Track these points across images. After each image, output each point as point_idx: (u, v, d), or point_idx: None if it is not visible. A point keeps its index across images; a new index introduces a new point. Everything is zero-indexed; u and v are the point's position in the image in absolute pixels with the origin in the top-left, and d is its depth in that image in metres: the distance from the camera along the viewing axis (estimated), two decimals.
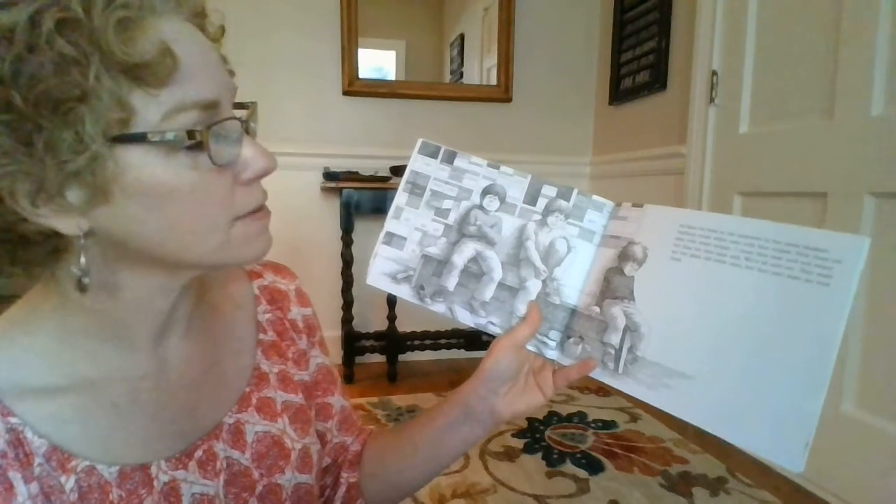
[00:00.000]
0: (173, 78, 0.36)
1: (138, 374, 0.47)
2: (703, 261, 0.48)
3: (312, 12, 2.33)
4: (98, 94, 0.34)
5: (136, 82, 0.35)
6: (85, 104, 0.34)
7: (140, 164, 0.37)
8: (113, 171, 0.36)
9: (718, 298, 0.47)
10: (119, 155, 0.36)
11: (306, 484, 0.56)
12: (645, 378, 0.49)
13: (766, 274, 0.44)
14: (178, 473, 0.47)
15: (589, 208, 0.56)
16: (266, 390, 0.56)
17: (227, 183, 0.41)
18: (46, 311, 0.44)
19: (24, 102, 0.33)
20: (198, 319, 0.52)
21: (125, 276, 0.43)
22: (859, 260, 0.40)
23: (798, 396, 0.42)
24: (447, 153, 0.58)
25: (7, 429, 0.39)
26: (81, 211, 0.37)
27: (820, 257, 0.42)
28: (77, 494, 0.41)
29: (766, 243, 0.45)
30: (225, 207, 0.41)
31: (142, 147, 0.36)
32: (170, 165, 0.37)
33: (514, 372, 0.56)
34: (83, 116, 0.34)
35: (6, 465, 0.39)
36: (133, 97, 0.35)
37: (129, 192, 0.37)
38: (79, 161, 0.35)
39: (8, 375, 0.41)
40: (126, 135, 0.36)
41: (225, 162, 0.40)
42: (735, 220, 0.47)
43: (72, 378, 0.43)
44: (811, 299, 0.42)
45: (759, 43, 1.70)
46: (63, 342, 0.44)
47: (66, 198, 0.36)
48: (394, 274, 0.57)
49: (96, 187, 0.36)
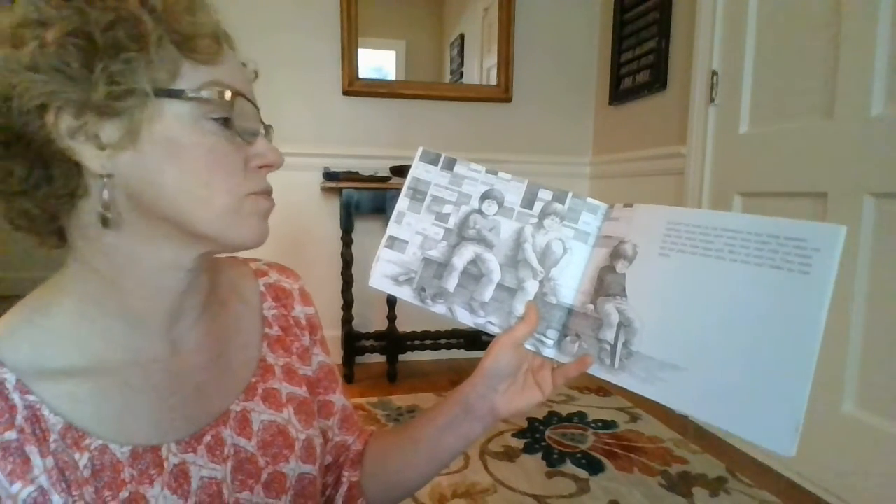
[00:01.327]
0: (217, 60, 0.44)
1: (150, 356, 0.49)
2: (689, 255, 0.50)
3: (312, 12, 2.33)
4: (156, 51, 0.41)
5: (188, 53, 0.43)
6: (144, 55, 0.41)
7: (173, 117, 0.42)
8: (149, 116, 0.42)
9: (705, 291, 0.48)
10: (158, 104, 0.42)
11: (310, 474, 0.58)
12: (640, 372, 0.50)
13: (750, 265, 0.46)
14: (188, 456, 0.48)
15: (583, 210, 0.58)
16: (272, 381, 0.57)
17: (240, 160, 0.46)
18: (64, 285, 0.47)
19: (99, 37, 0.40)
20: (207, 313, 0.54)
21: (136, 240, 0.45)
22: (836, 247, 0.42)
23: (786, 382, 0.43)
24: (447, 160, 0.60)
25: (25, 405, 0.41)
26: (111, 150, 0.42)
27: (799, 247, 0.44)
28: (90, 471, 0.43)
29: (748, 236, 0.46)
30: (237, 177, 0.46)
31: (179, 103, 0.43)
32: (197, 127, 0.43)
33: (513, 370, 0.57)
34: (140, 63, 0.41)
35: (23, 439, 0.40)
36: (182, 63, 0.43)
37: (156, 140, 0.42)
38: (125, 97, 0.40)
39: (27, 357, 0.43)
40: (168, 89, 0.42)
41: (242, 135, 0.46)
42: (719, 215, 0.49)
43: (87, 359, 0.45)
44: (793, 288, 0.43)
45: (759, 43, 1.70)
46: (80, 319, 0.46)
47: (100, 135, 0.41)
48: (396, 276, 0.59)
49: (131, 128, 0.41)
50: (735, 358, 0.46)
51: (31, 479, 0.40)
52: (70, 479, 0.41)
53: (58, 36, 0.39)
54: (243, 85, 0.47)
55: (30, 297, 0.47)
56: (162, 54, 0.41)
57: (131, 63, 0.40)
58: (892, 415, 1.31)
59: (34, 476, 0.40)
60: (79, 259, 0.46)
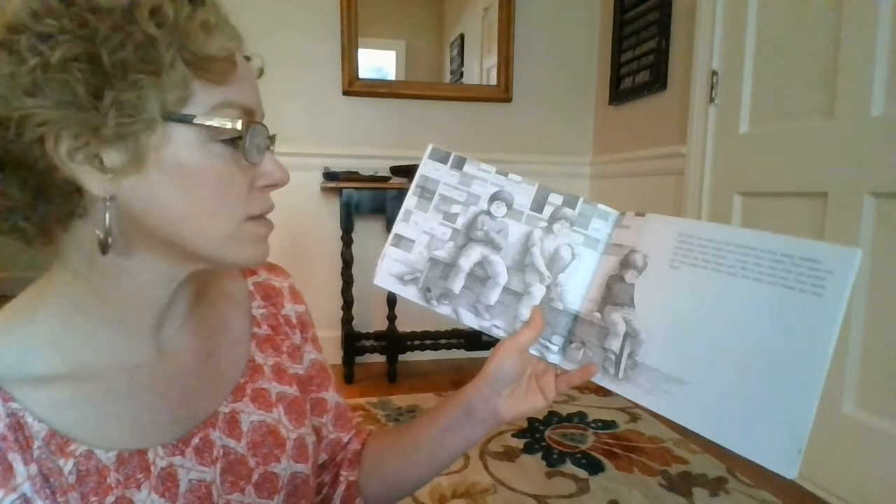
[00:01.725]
0: (229, 80, 0.42)
1: (135, 361, 0.48)
2: (700, 269, 0.49)
3: (312, 12, 2.33)
4: (168, 74, 0.39)
5: (200, 74, 0.41)
6: (156, 78, 0.39)
7: (180, 142, 0.41)
8: (156, 142, 0.40)
9: (715, 307, 0.48)
10: (166, 129, 0.40)
11: (302, 474, 0.57)
12: (644, 383, 0.50)
13: (762, 283, 0.45)
14: (176, 459, 0.48)
15: (594, 216, 0.57)
16: (260, 381, 0.57)
17: (246, 183, 0.45)
18: (52, 291, 0.46)
19: (108, 61, 0.37)
20: (195, 314, 0.54)
21: (132, 259, 0.45)
22: (851, 271, 0.41)
23: (792, 404, 0.42)
24: (457, 159, 0.59)
25: (7, 413, 0.41)
26: (114, 175, 0.40)
27: (813, 268, 0.43)
28: (75, 477, 0.42)
29: (761, 253, 0.46)
30: (241, 202, 0.45)
31: (187, 128, 0.41)
32: (205, 151, 0.42)
33: (516, 374, 0.57)
34: (150, 88, 0.39)
35: (6, 447, 0.40)
36: (193, 84, 0.41)
37: (162, 165, 0.41)
38: (134, 124, 0.39)
39: (10, 363, 0.43)
40: (178, 114, 0.40)
41: (251, 159, 0.44)
42: (732, 231, 0.48)
43: (71, 365, 0.45)
44: (805, 309, 0.43)
45: (759, 43, 1.70)
46: (65, 325, 0.45)
47: (103, 159, 0.39)
48: (401, 275, 0.58)
49: (137, 154, 0.40)
50: (740, 376, 0.45)
51: (14, 487, 0.39)
52: (55, 485, 0.41)
53: (62, 58, 0.36)
54: (254, 100, 0.45)
55: (14, 302, 0.46)
56: (174, 77, 0.39)
57: (141, 88, 0.38)
58: (892, 415, 1.31)
59: (16, 484, 0.39)
60: (69, 268, 0.45)
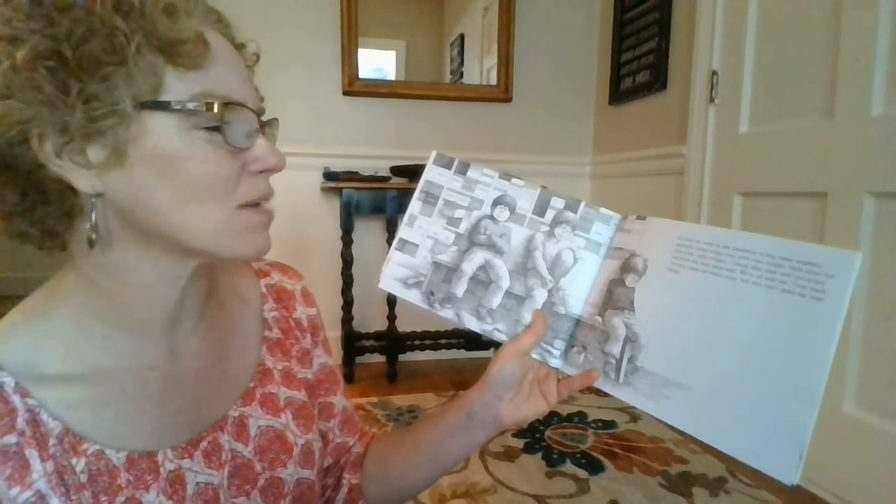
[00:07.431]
0: (204, 64, 0.41)
1: (147, 364, 0.48)
2: (700, 273, 0.49)
3: (312, 12, 2.33)
4: (135, 63, 0.38)
5: (171, 60, 0.39)
6: (123, 68, 0.38)
7: (160, 132, 0.40)
8: (134, 133, 0.39)
9: (714, 311, 0.47)
10: (143, 119, 0.39)
11: (308, 479, 0.58)
12: (644, 388, 0.50)
13: (761, 287, 0.45)
14: (184, 462, 0.48)
15: (596, 220, 0.57)
16: (270, 386, 0.57)
17: (236, 168, 0.44)
18: (64, 293, 0.46)
19: (72, 56, 0.37)
20: (207, 316, 0.54)
21: (132, 255, 0.45)
22: (851, 274, 0.41)
23: (792, 409, 0.42)
24: (461, 164, 0.59)
25: (26, 408, 0.42)
26: (99, 170, 0.40)
27: (813, 272, 0.42)
28: (87, 476, 0.43)
29: (760, 257, 0.45)
30: (230, 187, 0.43)
31: (164, 115, 0.40)
32: (188, 139, 0.41)
33: (518, 378, 0.57)
34: (119, 79, 0.38)
35: (24, 442, 0.41)
36: (165, 73, 0.40)
37: (144, 157, 0.40)
38: (106, 117, 0.38)
39: (27, 361, 0.43)
40: (152, 101, 0.39)
41: (237, 144, 0.43)
42: (732, 234, 0.48)
43: (84, 365, 0.45)
44: (805, 313, 0.42)
45: (759, 43, 1.70)
46: (78, 327, 0.46)
47: (86, 155, 0.39)
48: (405, 279, 0.58)
49: (116, 147, 0.39)
50: (740, 380, 0.45)
51: (29, 484, 0.40)
52: (69, 483, 0.42)
53: (28, 57, 0.36)
54: (236, 85, 0.44)
55: (28, 301, 0.47)
56: (142, 65, 0.38)
57: (109, 80, 0.38)
58: (892, 415, 1.31)
59: (32, 480, 0.40)
60: (79, 271, 0.46)
